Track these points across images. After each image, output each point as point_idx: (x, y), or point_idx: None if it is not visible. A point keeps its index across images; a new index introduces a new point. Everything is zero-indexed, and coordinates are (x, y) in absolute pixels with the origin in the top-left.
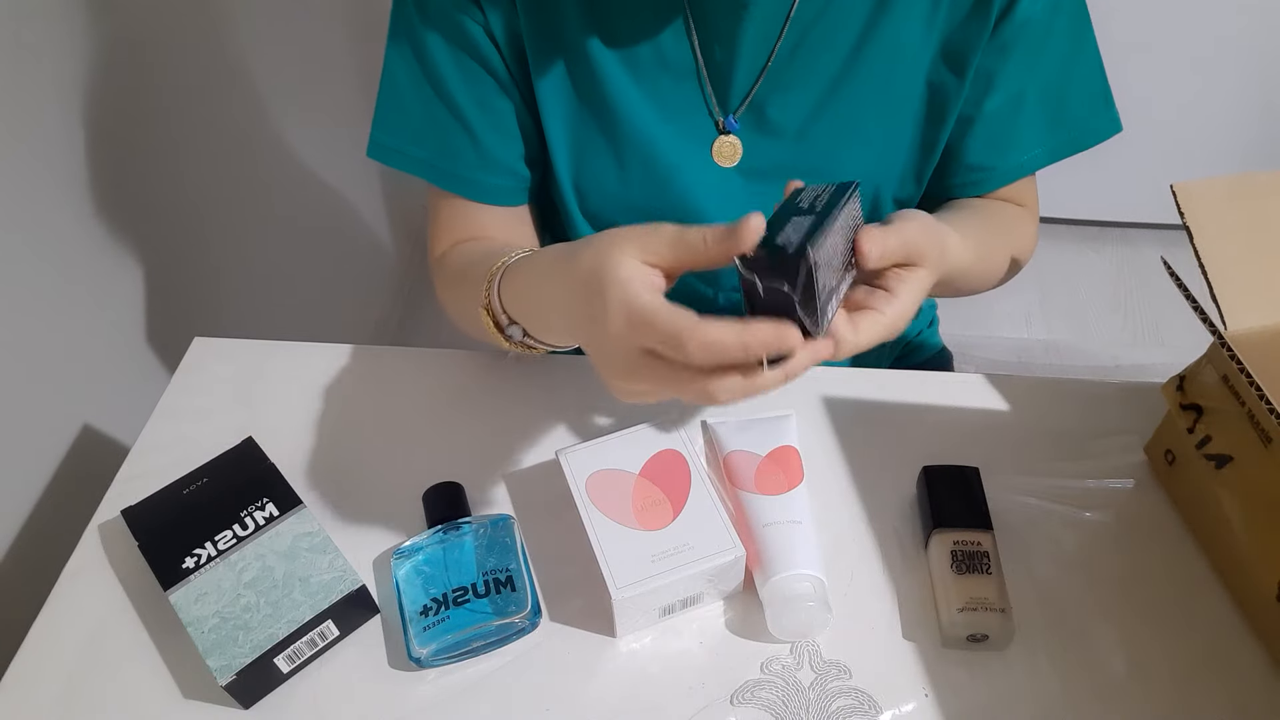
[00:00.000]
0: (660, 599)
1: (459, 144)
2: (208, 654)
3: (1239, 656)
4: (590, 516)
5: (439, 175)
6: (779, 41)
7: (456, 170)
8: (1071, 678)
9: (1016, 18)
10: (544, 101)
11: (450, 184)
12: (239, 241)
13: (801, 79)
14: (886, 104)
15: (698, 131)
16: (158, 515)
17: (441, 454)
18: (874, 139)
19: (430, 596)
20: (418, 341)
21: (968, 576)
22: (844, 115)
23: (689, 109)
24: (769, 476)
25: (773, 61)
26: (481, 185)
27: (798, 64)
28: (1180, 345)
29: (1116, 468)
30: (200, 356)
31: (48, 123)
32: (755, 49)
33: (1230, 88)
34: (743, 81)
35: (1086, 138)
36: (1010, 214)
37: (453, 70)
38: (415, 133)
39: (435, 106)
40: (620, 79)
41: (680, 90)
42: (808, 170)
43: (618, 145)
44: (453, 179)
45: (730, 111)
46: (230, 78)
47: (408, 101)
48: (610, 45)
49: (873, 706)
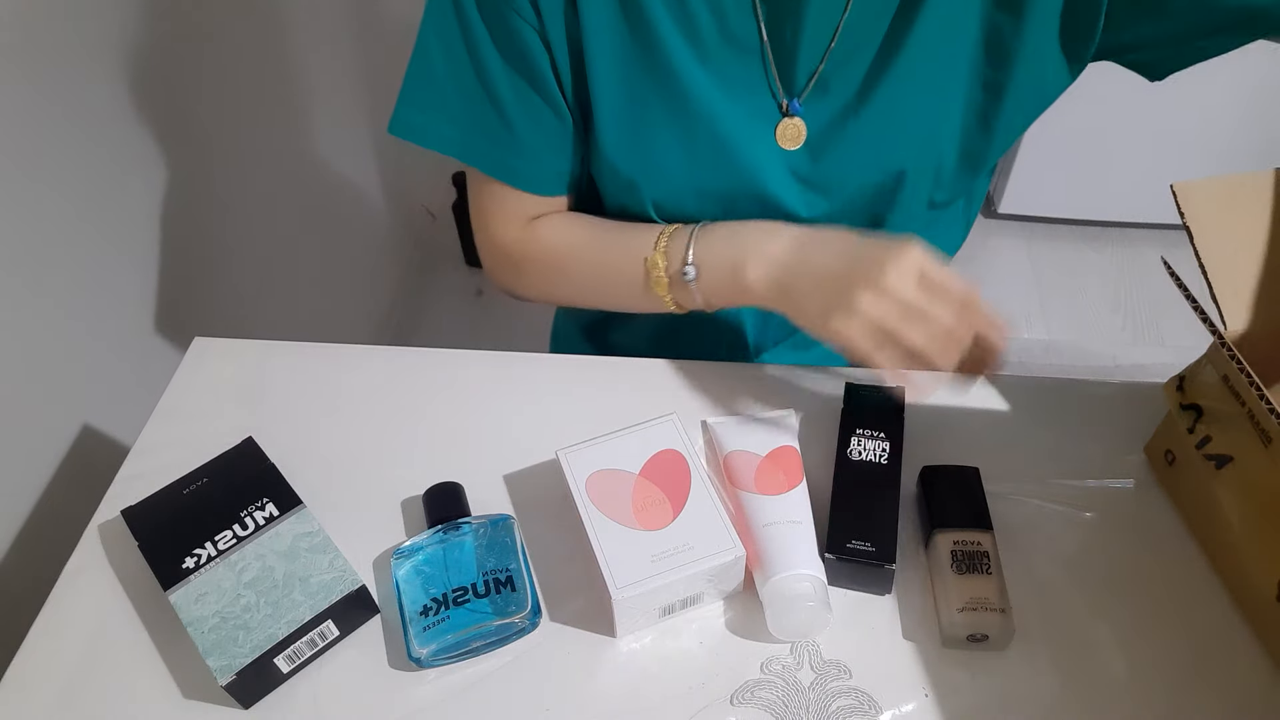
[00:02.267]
0: (660, 599)
1: (492, 125)
2: (208, 654)
3: (1239, 656)
4: (590, 516)
5: (470, 154)
6: (844, 16)
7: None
8: (1071, 678)
9: None
10: (599, 86)
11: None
12: (239, 241)
13: (862, 50)
14: (945, 56)
15: (762, 112)
16: (158, 515)
17: (441, 454)
18: (932, 94)
19: (430, 596)
20: (418, 341)
21: (968, 576)
22: (904, 75)
23: (754, 89)
24: (769, 476)
25: (837, 39)
26: (518, 172)
27: (857, 35)
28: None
29: (1116, 468)
30: (200, 356)
31: (47, 123)
32: (820, 28)
33: (1230, 88)
34: (807, 62)
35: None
36: None
37: (491, 51)
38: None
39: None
40: (684, 55)
41: (746, 69)
42: (871, 138)
43: (685, 123)
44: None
45: (796, 94)
46: (231, 78)
47: (446, 83)
48: (676, 20)
49: (873, 706)
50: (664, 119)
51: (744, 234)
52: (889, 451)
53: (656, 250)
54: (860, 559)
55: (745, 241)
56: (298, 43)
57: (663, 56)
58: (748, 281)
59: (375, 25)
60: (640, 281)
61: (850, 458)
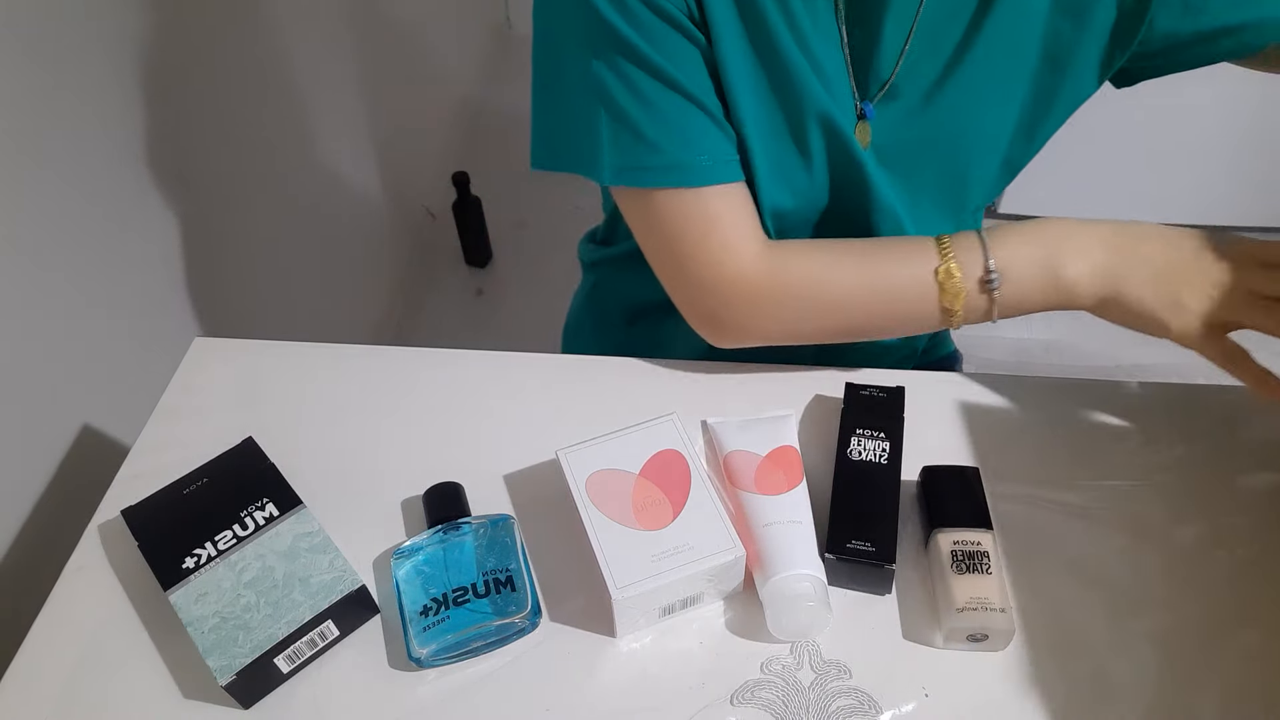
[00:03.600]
0: (660, 599)
1: (697, 125)
2: (208, 654)
3: (1239, 656)
4: (590, 516)
5: (699, 174)
6: (914, 24)
7: (697, 159)
8: (1071, 678)
9: None
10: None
11: (694, 176)
12: (239, 242)
13: (930, 56)
14: (1009, 63)
15: (847, 111)
16: (158, 515)
17: (441, 454)
18: (995, 102)
19: (430, 596)
20: (418, 341)
21: (968, 576)
22: (969, 81)
23: (840, 88)
24: (769, 476)
25: (909, 47)
26: (730, 163)
27: (927, 43)
28: None
29: (1117, 468)
30: (200, 356)
31: (47, 124)
32: (895, 36)
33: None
34: (882, 69)
35: None
36: None
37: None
38: (651, 143)
39: (670, 103)
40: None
41: (834, 67)
42: (934, 140)
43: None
44: (694, 170)
45: (869, 97)
46: (231, 78)
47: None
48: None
49: (873, 706)
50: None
51: (1045, 232)
52: (889, 451)
53: (946, 260)
54: (860, 559)
55: (1050, 238)
56: (298, 42)
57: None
58: (1068, 279)
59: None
60: (929, 298)
61: (850, 458)
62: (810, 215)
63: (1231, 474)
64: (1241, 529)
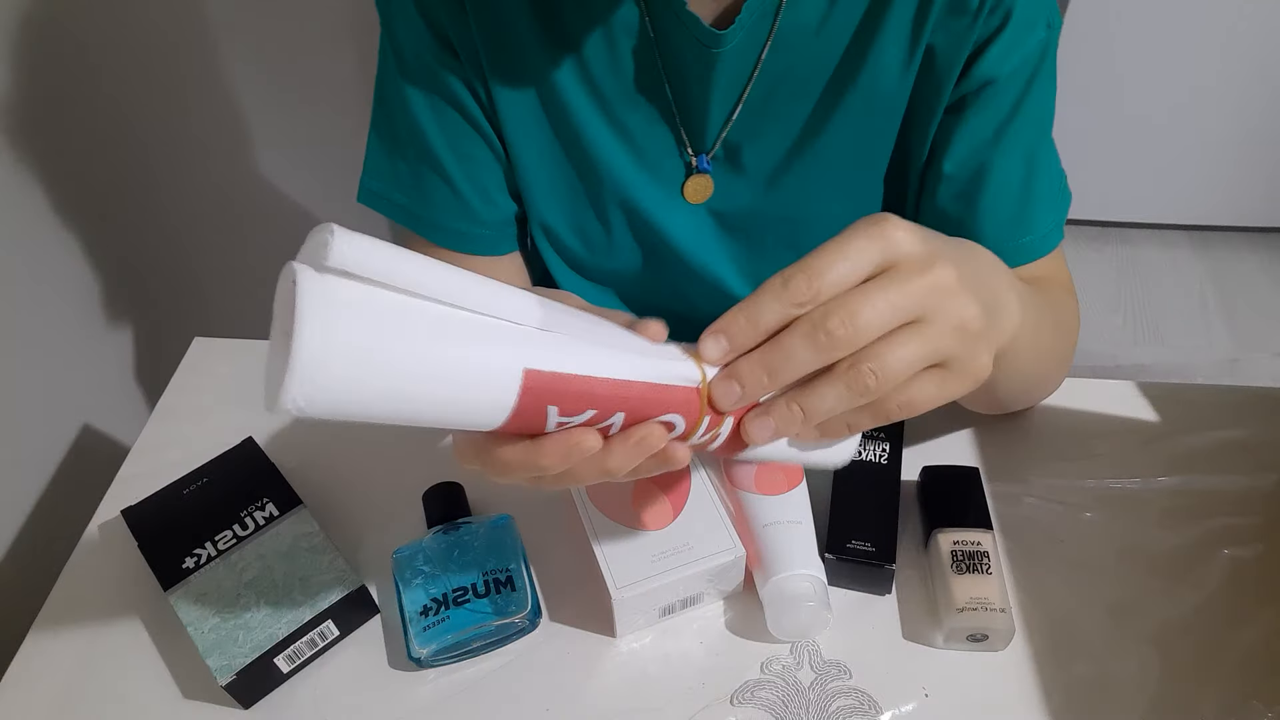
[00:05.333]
0: (660, 599)
1: (440, 193)
2: (208, 654)
3: (1240, 656)
4: (590, 516)
5: (420, 224)
6: (747, 89)
7: (437, 219)
8: (1071, 678)
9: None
10: (516, 144)
11: (431, 234)
12: (239, 241)
13: (775, 126)
14: (862, 153)
15: (670, 170)
16: (158, 515)
17: (441, 454)
18: (848, 188)
19: (430, 596)
20: None
21: (968, 576)
22: (819, 163)
23: (661, 148)
24: (769, 476)
25: (743, 108)
26: (464, 235)
27: (770, 112)
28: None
29: (1116, 468)
30: (200, 356)
31: (47, 124)
32: (726, 95)
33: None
34: (715, 123)
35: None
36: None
37: (431, 119)
38: (399, 180)
39: (417, 155)
40: (592, 119)
41: (652, 129)
42: (778, 216)
43: (596, 188)
44: (434, 228)
45: (703, 151)
46: (230, 78)
47: (393, 149)
48: (582, 82)
49: (873, 706)
50: (576, 181)
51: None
52: (889, 451)
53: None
54: (860, 559)
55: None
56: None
57: (574, 129)
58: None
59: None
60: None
61: None
62: (616, 268)
63: (1231, 474)
64: (1241, 529)
